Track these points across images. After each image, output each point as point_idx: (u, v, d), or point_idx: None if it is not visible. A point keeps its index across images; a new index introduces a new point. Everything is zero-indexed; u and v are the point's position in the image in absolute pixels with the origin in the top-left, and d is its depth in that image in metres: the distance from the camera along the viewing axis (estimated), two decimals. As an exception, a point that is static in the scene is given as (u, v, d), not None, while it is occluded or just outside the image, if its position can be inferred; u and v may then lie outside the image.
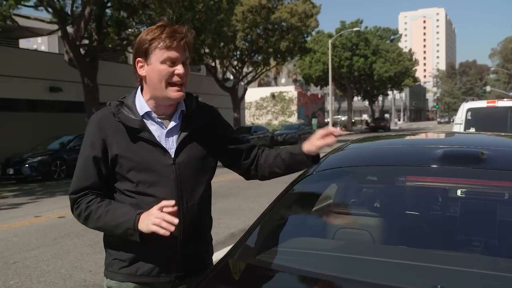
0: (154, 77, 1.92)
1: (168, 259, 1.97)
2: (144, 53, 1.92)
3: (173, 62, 1.91)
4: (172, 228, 1.75)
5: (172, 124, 2.00)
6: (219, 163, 2.19)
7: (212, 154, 2.10)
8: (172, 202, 1.79)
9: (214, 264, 2.01)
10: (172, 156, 1.96)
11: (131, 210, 1.87)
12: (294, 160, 2.19)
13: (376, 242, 2.11)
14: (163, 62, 1.90)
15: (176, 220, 1.75)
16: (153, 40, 1.89)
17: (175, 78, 1.92)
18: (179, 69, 1.92)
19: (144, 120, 1.97)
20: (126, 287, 1.99)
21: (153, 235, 1.78)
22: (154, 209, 1.79)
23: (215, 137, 2.12)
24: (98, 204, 1.91)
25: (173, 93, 1.93)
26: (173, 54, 1.90)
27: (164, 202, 1.78)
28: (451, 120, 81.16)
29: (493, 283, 1.66)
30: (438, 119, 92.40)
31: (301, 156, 2.17)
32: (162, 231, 1.75)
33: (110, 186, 1.99)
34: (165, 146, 1.96)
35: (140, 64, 1.96)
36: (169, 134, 1.99)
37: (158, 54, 1.90)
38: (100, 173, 1.95)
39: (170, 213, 1.77)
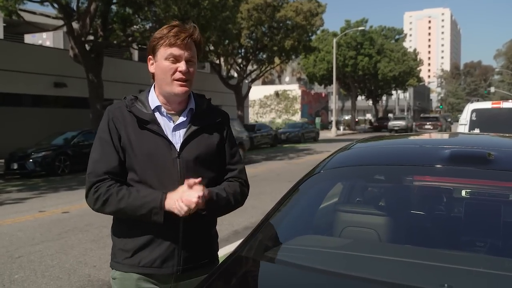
0: (159, 73, 2.03)
1: (170, 250, 2.01)
2: (152, 51, 2.04)
3: (176, 59, 1.99)
4: (185, 208, 1.85)
5: (180, 119, 2.07)
6: None
7: (216, 153, 2.14)
8: (198, 179, 1.88)
9: (221, 260, 2.04)
10: (178, 150, 2.01)
11: (156, 191, 1.94)
12: None
13: (382, 240, 2.12)
14: (166, 58, 1.99)
15: (193, 202, 1.85)
16: (160, 38, 2.00)
17: (178, 75, 2.00)
18: (181, 66, 2.00)
19: (155, 114, 2.04)
20: (130, 278, 2.03)
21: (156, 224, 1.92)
22: (182, 188, 1.89)
23: (219, 141, 2.14)
24: (119, 188, 1.96)
25: (177, 87, 2.01)
26: (176, 51, 1.98)
27: (191, 180, 1.88)
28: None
29: (499, 283, 1.68)
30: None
31: None
32: (177, 212, 1.87)
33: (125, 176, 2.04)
34: (171, 140, 2.02)
35: (150, 62, 2.07)
36: (176, 128, 2.06)
37: (163, 51, 2.00)
38: (119, 158, 2.01)
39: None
